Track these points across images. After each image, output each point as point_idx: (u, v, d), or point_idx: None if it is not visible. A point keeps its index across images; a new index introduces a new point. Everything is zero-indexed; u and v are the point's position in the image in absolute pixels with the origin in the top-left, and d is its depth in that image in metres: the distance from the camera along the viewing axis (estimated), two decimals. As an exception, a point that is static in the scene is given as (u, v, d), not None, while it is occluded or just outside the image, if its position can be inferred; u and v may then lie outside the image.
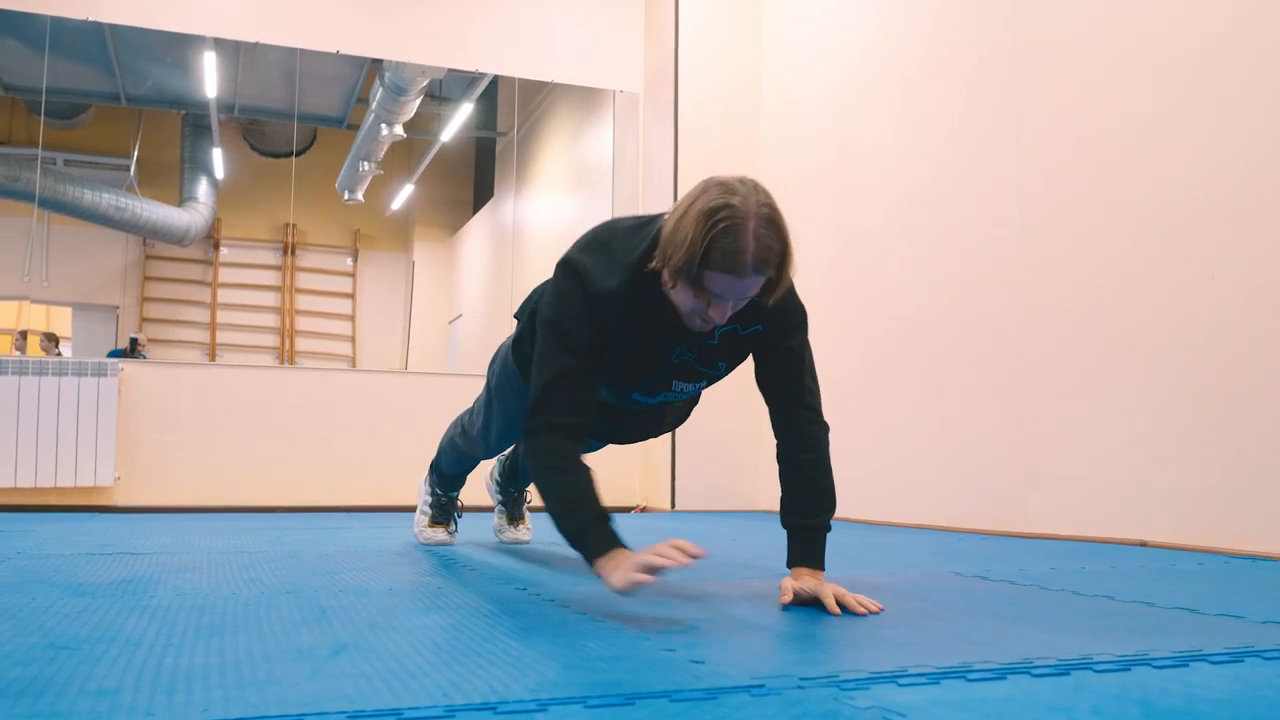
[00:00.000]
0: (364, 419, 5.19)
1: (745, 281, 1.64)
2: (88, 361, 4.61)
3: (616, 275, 1.78)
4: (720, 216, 1.60)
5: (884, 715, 1.04)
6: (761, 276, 1.65)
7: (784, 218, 1.67)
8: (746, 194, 1.64)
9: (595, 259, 1.82)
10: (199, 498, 4.82)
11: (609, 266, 1.80)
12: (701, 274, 1.63)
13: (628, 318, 1.81)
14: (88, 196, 7.92)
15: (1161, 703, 1.11)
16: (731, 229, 1.59)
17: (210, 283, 8.85)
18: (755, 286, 1.67)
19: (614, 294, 1.78)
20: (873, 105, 4.67)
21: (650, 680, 1.18)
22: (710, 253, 1.60)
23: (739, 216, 1.60)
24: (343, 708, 1.04)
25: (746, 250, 1.60)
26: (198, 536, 3.30)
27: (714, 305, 1.69)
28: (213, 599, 1.84)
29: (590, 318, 1.79)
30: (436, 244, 9.64)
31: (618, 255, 1.80)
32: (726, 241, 1.59)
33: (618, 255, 1.80)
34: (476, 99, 7.71)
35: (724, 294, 1.66)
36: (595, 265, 1.80)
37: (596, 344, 1.81)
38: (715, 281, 1.63)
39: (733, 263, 1.60)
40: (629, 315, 1.81)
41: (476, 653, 1.35)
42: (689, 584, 2.09)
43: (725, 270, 1.61)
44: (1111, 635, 1.54)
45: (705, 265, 1.61)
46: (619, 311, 1.80)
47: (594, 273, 1.79)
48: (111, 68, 7.77)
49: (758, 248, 1.61)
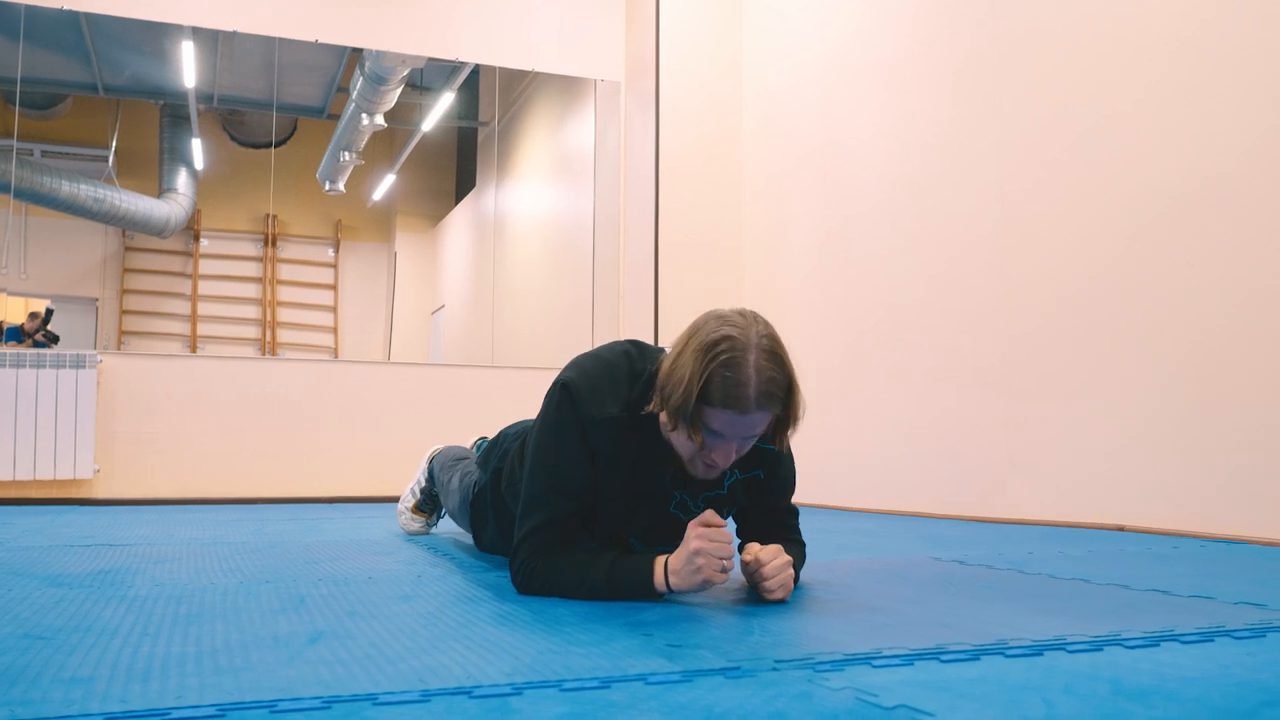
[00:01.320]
0: (347, 410, 5.18)
1: (749, 419, 1.53)
2: (66, 354, 4.58)
3: (614, 404, 1.67)
4: (720, 350, 1.51)
5: (857, 696, 1.05)
6: (766, 413, 1.54)
7: (786, 349, 1.57)
8: (746, 325, 1.55)
9: (593, 384, 1.68)
10: (180, 490, 4.80)
11: (608, 393, 1.67)
12: (701, 411, 1.53)
13: (623, 454, 1.69)
14: (65, 188, 7.86)
15: (1132, 681, 1.12)
16: (732, 362, 1.50)
17: (191, 274, 8.79)
18: (761, 424, 1.56)
19: (611, 424, 1.66)
20: (855, 96, 4.68)
21: (626, 664, 1.18)
22: (709, 388, 1.50)
23: (739, 349, 1.51)
24: (318, 693, 1.04)
25: (748, 384, 1.50)
26: (178, 528, 3.29)
27: (717, 448, 1.58)
28: (191, 589, 1.84)
29: (584, 449, 1.67)
30: (419, 234, 9.60)
31: (618, 382, 1.69)
32: (727, 376, 1.49)
33: (618, 382, 1.69)
34: (458, 88, 7.68)
35: (726, 433, 1.55)
36: (593, 391, 1.67)
37: (589, 480, 1.68)
38: (716, 419, 1.53)
39: (734, 398, 1.50)
40: (625, 452, 1.68)
41: (453, 639, 1.35)
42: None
43: (726, 406, 1.50)
44: (1086, 617, 1.55)
45: (704, 402, 1.51)
46: (614, 443, 1.67)
47: (591, 399, 1.66)
48: (88, 57, 7.71)
49: (759, 380, 1.50)
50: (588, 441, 1.67)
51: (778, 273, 5.20)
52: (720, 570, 1.55)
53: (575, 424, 1.66)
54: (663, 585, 1.59)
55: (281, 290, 8.98)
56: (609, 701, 1.02)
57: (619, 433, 1.66)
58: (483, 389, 5.37)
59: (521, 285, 7.59)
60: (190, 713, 0.96)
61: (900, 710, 0.99)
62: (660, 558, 1.60)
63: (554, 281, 6.98)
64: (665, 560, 1.59)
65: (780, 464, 1.81)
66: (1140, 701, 1.03)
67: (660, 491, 1.75)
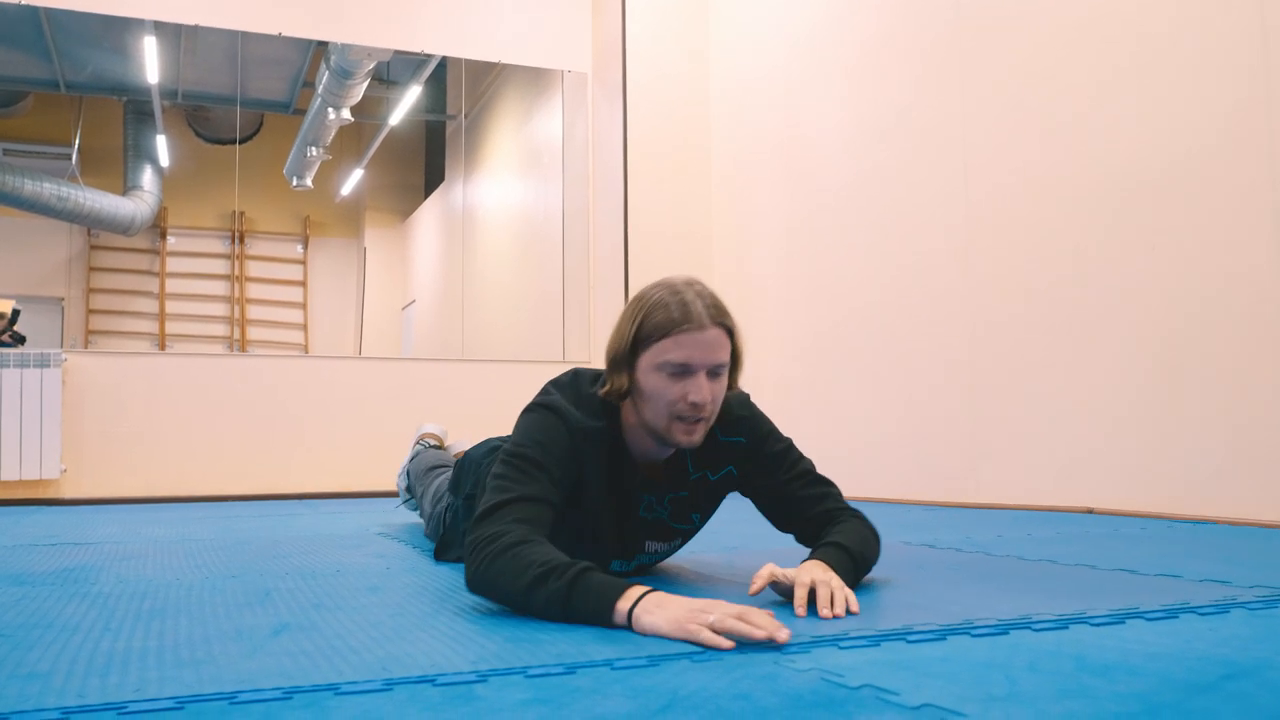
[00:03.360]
0: (318, 405, 5.14)
1: (706, 336, 1.51)
2: (30, 353, 4.52)
3: (594, 417, 1.63)
4: (652, 292, 1.55)
5: (822, 677, 1.05)
6: (721, 330, 1.53)
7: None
8: (682, 280, 1.57)
9: (570, 400, 1.64)
10: (149, 489, 4.75)
11: (585, 408, 1.64)
12: (650, 352, 1.53)
13: (602, 464, 1.64)
14: (28, 186, 7.75)
15: (1096, 657, 1.13)
16: (670, 292, 1.53)
17: (158, 273, 8.70)
18: (721, 347, 1.54)
19: (595, 435, 1.62)
20: (822, 85, 4.69)
21: (592, 651, 1.18)
22: (654, 321, 1.51)
23: (673, 286, 1.54)
24: (279, 684, 1.03)
25: (694, 302, 1.51)
26: (145, 526, 3.26)
27: (690, 386, 1.53)
28: (155, 585, 1.82)
29: (572, 454, 1.60)
30: (388, 230, 9.54)
31: (592, 399, 1.65)
32: (669, 303, 1.51)
33: (592, 399, 1.65)
34: (425, 82, 7.63)
35: (692, 360, 1.51)
36: (573, 406, 1.63)
37: (565, 488, 1.59)
38: (674, 348, 1.51)
39: (685, 316, 1.50)
40: (603, 462, 1.65)
41: (419, 629, 1.34)
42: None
43: (682, 326, 1.50)
44: (1052, 596, 1.56)
45: (655, 336, 1.51)
46: (595, 453, 1.63)
47: (573, 413, 1.62)
48: (49, 54, 7.60)
49: (704, 300, 1.53)
50: (575, 449, 1.60)
51: (746, 261, 5.21)
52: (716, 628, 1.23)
53: (565, 433, 1.60)
54: (624, 615, 1.29)
55: (250, 288, 8.91)
56: (574, 687, 1.02)
57: (601, 443, 1.63)
58: (454, 382, 5.35)
59: (492, 279, 7.56)
60: (148, 706, 0.95)
61: (865, 690, 0.99)
62: (639, 587, 1.33)
63: (524, 274, 6.95)
64: (649, 591, 1.31)
65: (758, 447, 1.73)
66: (1103, 676, 1.03)
67: (630, 497, 1.70)
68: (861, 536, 1.65)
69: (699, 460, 1.71)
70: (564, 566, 1.35)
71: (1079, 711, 0.89)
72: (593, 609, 1.31)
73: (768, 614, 1.22)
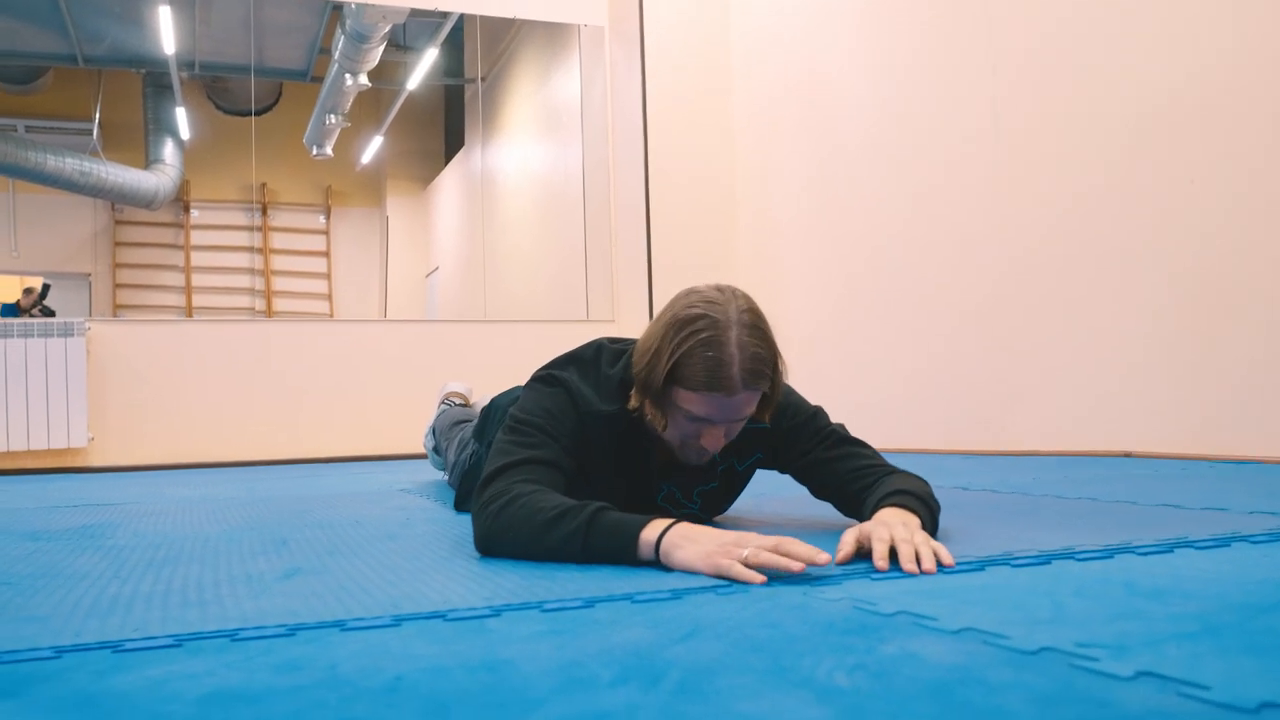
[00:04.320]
0: (344, 369, 5.11)
1: (735, 400, 1.40)
2: (53, 323, 4.51)
3: (609, 400, 1.52)
4: (698, 327, 1.38)
5: (855, 605, 0.99)
6: (755, 392, 1.42)
7: (767, 320, 1.44)
8: (724, 301, 1.41)
9: (583, 379, 1.54)
10: (176, 455, 4.75)
11: (599, 390, 1.53)
12: (678, 394, 1.41)
13: (614, 450, 1.54)
14: (50, 162, 7.75)
15: (1146, 583, 1.06)
16: (712, 340, 1.37)
17: (183, 246, 8.72)
18: (749, 405, 1.44)
19: (606, 419, 1.51)
20: (842, 23, 4.57)
21: (613, 586, 1.13)
22: (687, 370, 1.38)
23: (719, 326, 1.38)
24: (283, 621, 0.98)
25: (732, 363, 1.37)
26: (170, 488, 3.24)
27: (705, 433, 1.46)
28: (171, 537, 1.78)
29: (578, 436, 1.50)
30: (409, 197, 9.50)
31: (611, 381, 1.54)
32: (709, 356, 1.37)
33: (611, 381, 1.54)
34: (442, 45, 7.54)
35: (714, 417, 1.43)
36: (584, 385, 1.53)
37: (570, 468, 1.49)
38: (701, 403, 1.40)
39: (719, 379, 1.37)
40: (616, 448, 1.55)
41: (434, 571, 1.30)
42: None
43: (711, 389, 1.38)
44: (1095, 530, 1.50)
45: (683, 384, 1.39)
46: (607, 439, 1.53)
47: (584, 393, 1.52)
48: (65, 27, 7.57)
49: (744, 358, 1.37)
50: (584, 433, 1.51)
51: (770, 208, 5.11)
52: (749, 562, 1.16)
53: (573, 413, 1.51)
54: (651, 546, 1.24)
55: (275, 259, 8.91)
56: (591, 619, 0.96)
57: (614, 429, 1.52)
58: (479, 344, 5.31)
59: (513, 241, 7.50)
60: (146, 644, 0.90)
61: (900, 616, 0.93)
62: (663, 519, 1.27)
63: (546, 235, 6.89)
64: (675, 522, 1.26)
65: (786, 425, 1.62)
66: (1157, 599, 0.97)
67: (647, 483, 1.61)
68: (919, 484, 1.49)
69: (726, 450, 1.59)
70: (579, 506, 1.30)
71: (1133, 632, 0.83)
72: (616, 545, 1.25)
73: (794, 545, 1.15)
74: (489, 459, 1.48)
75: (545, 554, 1.30)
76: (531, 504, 1.33)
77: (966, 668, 0.73)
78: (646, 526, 1.25)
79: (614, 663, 0.79)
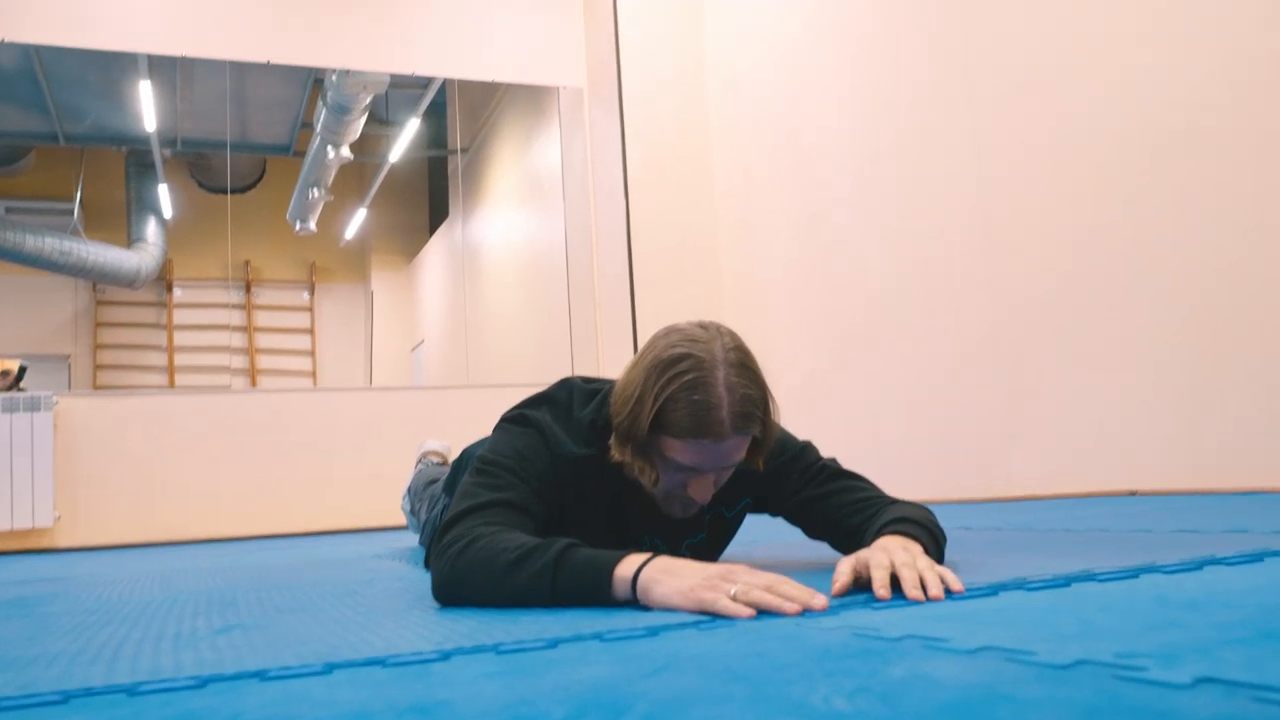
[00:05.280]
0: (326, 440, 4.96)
1: (724, 446, 1.29)
2: (19, 397, 4.38)
3: (582, 443, 1.40)
4: (682, 368, 1.27)
5: (854, 633, 0.86)
6: (745, 436, 1.31)
7: (755, 359, 1.33)
8: (709, 339, 1.30)
9: (556, 419, 1.43)
10: (149, 533, 4.58)
11: (572, 431, 1.42)
12: (663, 442, 1.29)
13: (590, 496, 1.42)
14: (30, 241, 7.68)
15: (1178, 597, 0.94)
16: (699, 383, 1.26)
17: (165, 325, 8.61)
18: (739, 451, 1.32)
19: (580, 463, 1.39)
20: (822, 81, 4.54)
21: (581, 625, 1.00)
22: (672, 416, 1.26)
23: (705, 366, 1.27)
24: (196, 673, 0.85)
25: (720, 406, 1.25)
26: (130, 563, 3.09)
27: (692, 483, 1.34)
28: (110, 603, 1.64)
29: (549, 479, 1.38)
30: (394, 271, 9.44)
31: (582, 424, 1.42)
32: (695, 400, 1.25)
33: (582, 424, 1.42)
34: (424, 116, 7.54)
35: (702, 466, 1.31)
36: (556, 425, 1.42)
37: (545, 506, 1.37)
38: (687, 451, 1.29)
39: (706, 425, 1.25)
40: (592, 494, 1.42)
41: (386, 620, 1.17)
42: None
43: (699, 435, 1.26)
44: (1111, 554, 1.37)
45: (668, 432, 1.28)
46: (581, 484, 1.41)
47: (557, 434, 1.41)
48: (47, 106, 7.55)
49: (733, 400, 1.26)
50: (557, 475, 1.39)
51: (756, 268, 5.04)
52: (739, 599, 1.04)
53: (545, 454, 1.39)
54: (627, 584, 1.11)
55: (259, 337, 8.81)
56: (550, 660, 0.84)
57: (589, 473, 1.40)
58: (462, 409, 5.17)
59: (498, 309, 7.42)
60: (24, 702, 0.77)
61: (908, 641, 0.80)
62: (639, 553, 1.15)
63: (530, 302, 6.81)
64: (654, 556, 1.14)
65: (778, 466, 1.49)
66: (1196, 611, 0.85)
67: (625, 534, 1.47)
68: (921, 512, 1.36)
69: (712, 499, 1.44)
70: (546, 544, 1.16)
71: (1178, 642, 0.70)
72: (587, 584, 1.12)
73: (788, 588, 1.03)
74: (453, 503, 1.35)
75: (510, 598, 1.16)
76: (493, 545, 1.20)
77: (989, 686, 0.61)
78: (621, 562, 1.12)
79: (569, 699, 0.67)
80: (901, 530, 1.26)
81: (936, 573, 1.09)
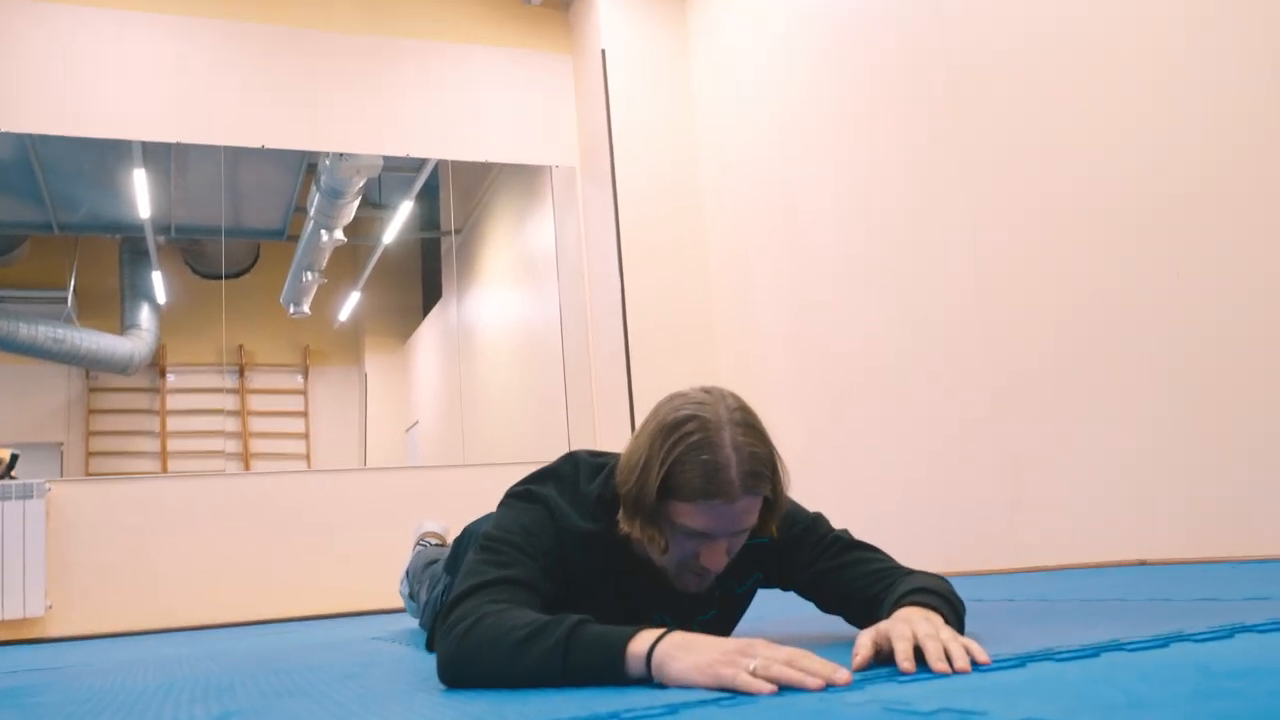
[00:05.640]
0: (322, 523, 4.90)
1: (735, 508, 1.26)
2: (10, 485, 4.32)
3: (591, 518, 1.37)
4: (687, 430, 1.25)
5: (885, 707, 0.83)
6: (756, 496, 1.28)
7: (760, 419, 1.32)
8: (713, 401, 1.30)
9: (562, 494, 1.41)
10: (144, 620, 4.48)
11: (579, 506, 1.39)
12: (673, 508, 1.26)
13: (598, 573, 1.39)
14: (23, 330, 7.68)
15: (1220, 665, 0.91)
16: (705, 443, 1.24)
17: (158, 411, 8.57)
18: (751, 513, 1.29)
19: (587, 538, 1.36)
20: (815, 156, 4.59)
21: (596, 704, 0.96)
22: (679, 479, 1.24)
23: (710, 427, 1.25)
24: (196, 762, 0.81)
25: (729, 466, 1.23)
26: (125, 650, 3.01)
27: (704, 551, 1.30)
28: (103, 692, 1.59)
29: (555, 556, 1.35)
30: (388, 354, 9.43)
31: (589, 498, 1.39)
32: (704, 460, 1.23)
33: (589, 498, 1.39)
34: (417, 199, 7.61)
35: (713, 531, 1.28)
36: (563, 501, 1.39)
37: (552, 583, 1.33)
38: (698, 515, 1.25)
39: (717, 485, 1.23)
40: (599, 570, 1.39)
41: (388, 705, 1.12)
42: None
43: (709, 497, 1.23)
44: (1137, 623, 1.33)
45: (679, 496, 1.25)
46: (589, 561, 1.37)
47: (563, 509, 1.38)
48: (41, 196, 7.61)
49: (741, 459, 1.24)
50: (563, 552, 1.36)
51: (752, 344, 5.04)
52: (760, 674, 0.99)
53: (552, 530, 1.36)
54: (642, 660, 1.06)
55: (252, 421, 8.76)
56: (569, 739, 0.80)
57: (596, 549, 1.37)
58: (459, 488, 5.11)
59: (493, 389, 7.40)
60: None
61: (943, 714, 0.77)
62: (653, 629, 1.10)
63: (525, 381, 6.80)
64: (669, 631, 1.10)
65: (789, 539, 1.46)
66: (1244, 679, 0.81)
67: (638, 613, 1.42)
68: (939, 582, 1.33)
69: (722, 575, 1.41)
70: (556, 621, 1.13)
71: (1237, 711, 0.67)
72: (600, 661, 1.08)
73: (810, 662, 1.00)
74: (457, 581, 1.31)
75: (519, 678, 1.12)
76: (501, 622, 1.16)
77: (1041, 759, 0.57)
78: (635, 638, 1.08)
79: (594, 783, 0.63)
80: (920, 601, 1.23)
81: (961, 644, 1.05)
